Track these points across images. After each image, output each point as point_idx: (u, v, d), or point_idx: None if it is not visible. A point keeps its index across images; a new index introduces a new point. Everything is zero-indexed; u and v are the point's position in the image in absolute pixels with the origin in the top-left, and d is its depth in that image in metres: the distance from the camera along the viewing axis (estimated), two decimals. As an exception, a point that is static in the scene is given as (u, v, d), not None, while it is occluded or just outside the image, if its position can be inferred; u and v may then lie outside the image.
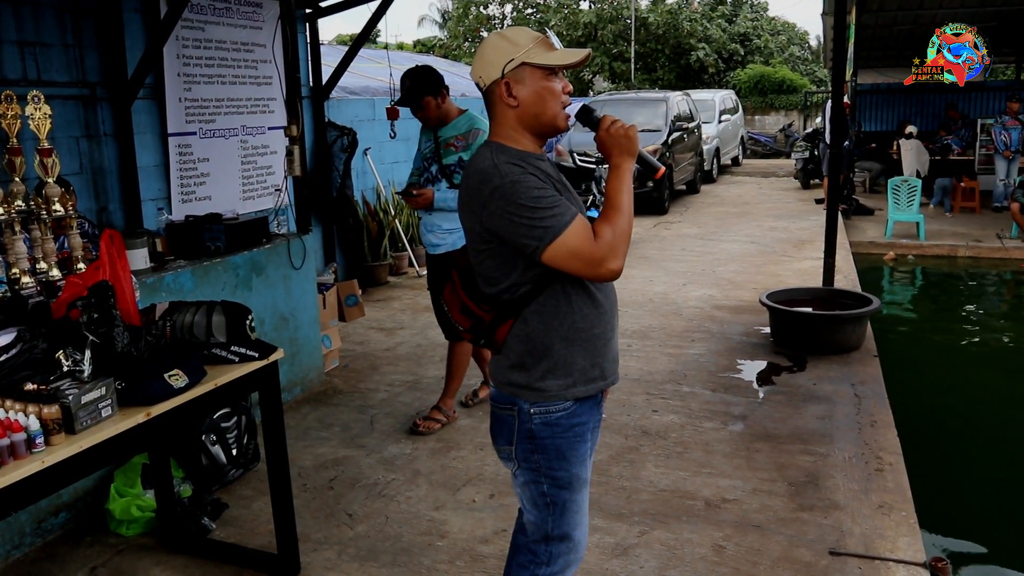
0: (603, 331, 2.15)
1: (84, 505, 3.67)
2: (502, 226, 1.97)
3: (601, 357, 2.15)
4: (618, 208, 1.99)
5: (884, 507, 3.62)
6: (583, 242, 1.94)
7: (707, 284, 7.97)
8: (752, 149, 23.22)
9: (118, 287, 2.64)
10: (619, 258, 1.96)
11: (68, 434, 2.23)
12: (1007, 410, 5.94)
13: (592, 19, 28.60)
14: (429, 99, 4.29)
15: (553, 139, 12.35)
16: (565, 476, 2.14)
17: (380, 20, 7.02)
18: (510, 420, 2.14)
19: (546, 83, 2.03)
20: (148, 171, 5.03)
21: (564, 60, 2.04)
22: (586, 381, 2.13)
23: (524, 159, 2.02)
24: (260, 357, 2.89)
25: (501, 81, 2.03)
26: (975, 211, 12.61)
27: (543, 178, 2.00)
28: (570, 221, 1.94)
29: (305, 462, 4.25)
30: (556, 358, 2.09)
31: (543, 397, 2.10)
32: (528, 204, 1.93)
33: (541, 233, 1.93)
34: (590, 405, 2.17)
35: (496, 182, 1.96)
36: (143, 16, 5.02)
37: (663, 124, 13.16)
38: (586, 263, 1.95)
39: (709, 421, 4.64)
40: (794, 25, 35.60)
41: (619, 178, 2.04)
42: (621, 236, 1.96)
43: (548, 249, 1.94)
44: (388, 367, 5.75)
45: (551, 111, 2.05)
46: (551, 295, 2.06)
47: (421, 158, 4.51)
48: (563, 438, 2.12)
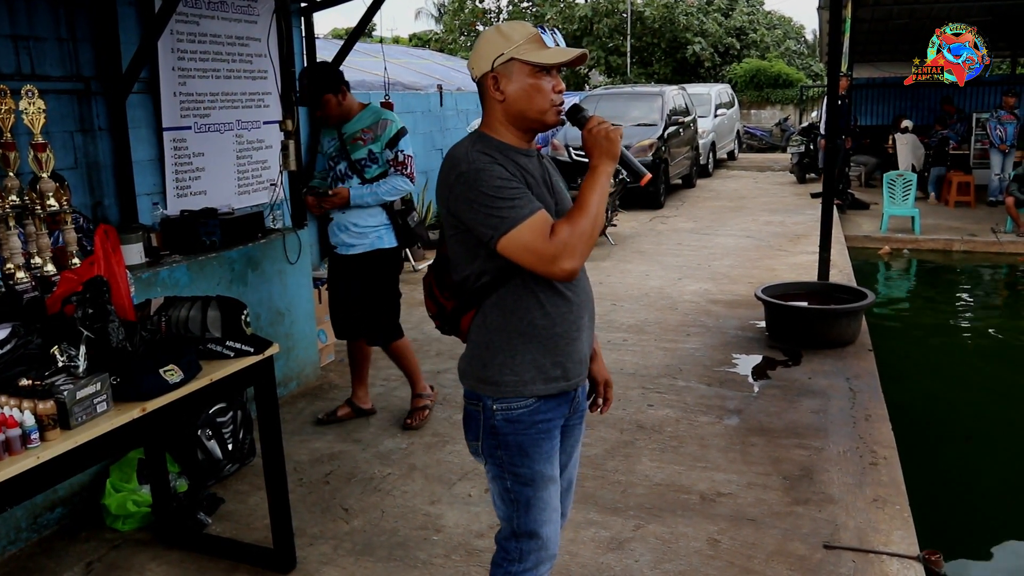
0: (567, 330, 2.12)
1: (80, 500, 3.67)
2: (463, 212, 1.98)
3: (563, 356, 2.12)
4: (584, 209, 1.95)
5: (878, 501, 3.63)
6: (537, 237, 1.92)
7: (703, 278, 7.98)
8: (748, 143, 23.24)
9: (113, 282, 2.64)
10: (574, 258, 1.92)
11: (63, 429, 2.23)
12: (1001, 404, 5.96)
13: (588, 13, 28.55)
14: (330, 97, 4.25)
15: (549, 133, 12.35)
16: (528, 473, 2.13)
17: (376, 14, 7.00)
18: (476, 415, 2.15)
19: (533, 80, 2.03)
20: (143, 166, 5.01)
21: (553, 59, 2.03)
22: (545, 380, 2.10)
23: (502, 151, 2.03)
24: (255, 352, 2.89)
25: (489, 74, 2.04)
26: (970, 205, 12.64)
27: (513, 170, 1.99)
28: (528, 215, 1.93)
29: (301, 457, 4.26)
30: (512, 353, 2.08)
31: (500, 392, 2.09)
32: (488, 192, 1.93)
33: (497, 223, 1.93)
34: (556, 403, 2.15)
35: (462, 168, 1.97)
36: (137, 10, 5.00)
37: (659, 118, 13.17)
38: (538, 259, 1.93)
39: (704, 415, 4.65)
40: (790, 19, 35.49)
41: (594, 179, 2.01)
42: (579, 237, 1.92)
43: (502, 240, 1.93)
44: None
45: (536, 107, 2.04)
46: (512, 288, 2.05)
47: (325, 159, 4.46)
48: (525, 435, 2.11)
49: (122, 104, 4.73)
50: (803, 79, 27.91)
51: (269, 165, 5.92)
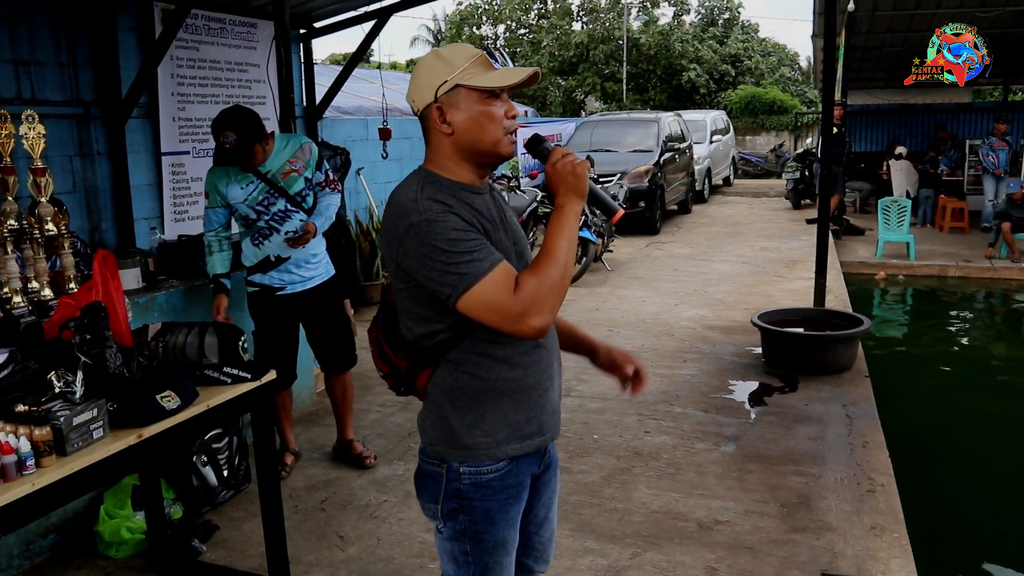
0: (539, 380, 1.93)
1: (73, 527, 3.64)
2: (415, 268, 1.76)
3: (537, 410, 1.93)
4: (552, 256, 1.75)
5: (876, 528, 3.62)
6: (501, 293, 1.71)
7: (699, 304, 7.99)
8: (743, 169, 23.35)
9: (111, 308, 2.63)
10: (543, 314, 1.72)
11: (59, 456, 2.22)
12: (998, 429, 5.96)
13: (584, 39, 28.78)
14: (258, 147, 3.90)
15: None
16: (491, 540, 1.94)
17: (374, 41, 7.06)
18: (437, 476, 1.93)
19: (484, 107, 1.81)
20: (141, 190, 5.03)
21: (502, 81, 1.81)
22: (521, 437, 1.91)
23: (455, 193, 1.81)
24: (253, 378, 2.88)
25: (434, 105, 1.82)
26: (964, 231, 12.70)
27: (470, 216, 1.79)
28: (489, 269, 1.72)
29: (296, 483, 4.23)
30: (481, 412, 1.88)
31: (472, 456, 1.88)
32: (442, 247, 1.71)
33: (455, 280, 1.72)
34: (528, 462, 1.97)
35: (412, 219, 1.74)
36: (138, 35, 5.04)
37: (655, 145, 13.24)
38: (504, 317, 1.72)
39: (701, 442, 4.64)
40: (784, 46, 35.80)
41: (560, 220, 1.80)
42: (549, 289, 1.72)
43: (462, 298, 1.72)
44: (380, 387, 5.73)
45: (490, 137, 1.82)
46: (474, 342, 1.84)
47: (246, 207, 4.00)
48: (494, 500, 1.92)
49: (121, 129, 4.76)
50: (798, 106, 28.13)
51: (267, 190, 5.93)
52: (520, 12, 30.80)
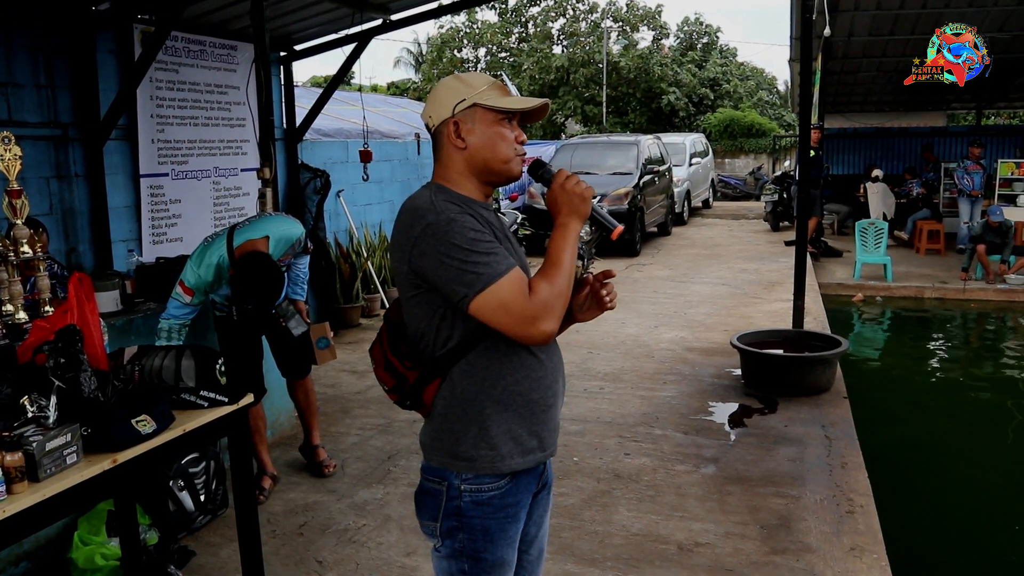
0: (543, 396, 1.95)
1: (46, 554, 3.58)
2: (431, 268, 1.79)
3: (540, 425, 1.96)
4: (559, 266, 1.82)
5: (856, 549, 3.63)
6: (516, 295, 1.76)
7: (679, 326, 8.02)
8: (722, 192, 23.55)
9: (86, 331, 2.60)
10: (553, 319, 1.78)
11: (31, 482, 2.18)
12: (975, 448, 6.01)
13: (564, 63, 29.03)
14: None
15: (525, 180, 12.45)
16: (489, 559, 1.95)
17: (354, 63, 7.08)
18: (438, 494, 1.95)
19: (498, 127, 1.90)
20: (119, 212, 5.00)
21: (519, 105, 1.91)
22: (523, 452, 1.94)
23: (465, 202, 1.88)
24: (230, 401, 2.86)
25: (450, 120, 1.90)
26: (940, 253, 12.85)
27: (482, 223, 1.85)
28: (506, 271, 1.77)
29: (275, 508, 4.19)
30: (486, 424, 1.90)
31: (474, 469, 1.91)
32: (462, 245, 1.76)
33: (472, 279, 1.76)
34: (528, 480, 1.99)
35: (430, 218, 1.80)
36: (117, 57, 5.03)
37: (634, 167, 13.33)
38: (517, 319, 1.77)
39: (681, 464, 4.64)
40: (762, 70, 36.28)
41: (565, 237, 1.87)
42: (558, 296, 1.79)
43: (478, 298, 1.76)
44: (359, 410, 5.70)
45: (502, 156, 1.91)
46: (482, 353, 1.87)
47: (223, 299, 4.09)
48: (493, 519, 1.93)
49: (99, 150, 4.73)
50: (776, 129, 28.47)
51: (246, 212, 5.93)
52: (501, 36, 31.04)
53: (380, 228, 8.99)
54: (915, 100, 15.83)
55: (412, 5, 6.51)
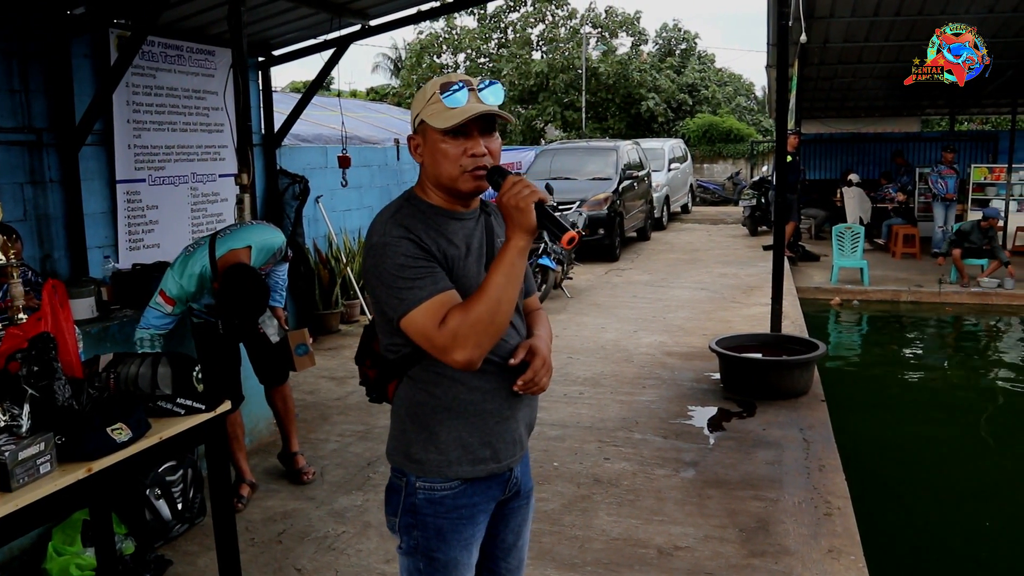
0: (498, 408, 1.93)
1: (19, 564, 3.54)
2: (370, 285, 1.88)
3: (493, 436, 1.94)
4: (484, 293, 1.75)
5: (833, 551, 3.65)
6: (428, 325, 1.77)
7: (658, 331, 8.05)
8: (701, 197, 23.68)
9: (60, 339, 2.58)
10: (465, 349, 1.74)
11: (3, 492, 2.15)
12: (950, 449, 6.07)
13: (544, 69, 29.08)
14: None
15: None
16: (442, 558, 1.95)
17: (333, 69, 7.07)
18: (399, 489, 1.98)
19: (440, 144, 1.84)
20: (95, 218, 4.96)
21: (448, 122, 1.81)
22: (473, 461, 1.93)
23: (430, 217, 1.88)
24: (207, 409, 2.84)
25: (412, 136, 1.94)
26: (916, 257, 12.99)
27: (433, 242, 1.83)
28: (426, 298, 1.77)
29: (253, 515, 4.16)
30: (437, 429, 1.92)
31: (423, 471, 1.93)
32: (390, 271, 1.80)
33: (396, 304, 1.80)
34: (485, 486, 1.98)
35: (374, 239, 1.85)
36: (93, 62, 4.99)
37: (613, 173, 13.37)
38: (431, 347, 1.79)
39: (661, 468, 4.66)
40: (740, 76, 36.59)
41: (501, 256, 1.78)
42: (472, 327, 1.74)
43: (401, 322, 1.81)
44: (339, 416, 5.68)
45: (446, 174, 1.85)
46: (435, 360, 1.85)
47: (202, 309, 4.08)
48: (446, 518, 1.94)
49: (75, 156, 4.70)
50: (754, 134, 28.64)
51: (224, 218, 5.89)
52: (480, 41, 31.07)
53: (359, 234, 8.96)
54: (890, 106, 15.99)
55: (391, 11, 6.51)
